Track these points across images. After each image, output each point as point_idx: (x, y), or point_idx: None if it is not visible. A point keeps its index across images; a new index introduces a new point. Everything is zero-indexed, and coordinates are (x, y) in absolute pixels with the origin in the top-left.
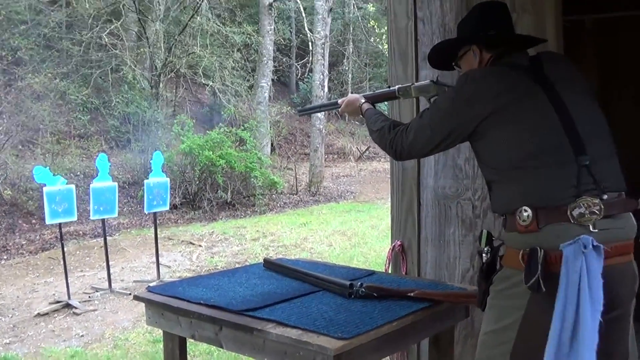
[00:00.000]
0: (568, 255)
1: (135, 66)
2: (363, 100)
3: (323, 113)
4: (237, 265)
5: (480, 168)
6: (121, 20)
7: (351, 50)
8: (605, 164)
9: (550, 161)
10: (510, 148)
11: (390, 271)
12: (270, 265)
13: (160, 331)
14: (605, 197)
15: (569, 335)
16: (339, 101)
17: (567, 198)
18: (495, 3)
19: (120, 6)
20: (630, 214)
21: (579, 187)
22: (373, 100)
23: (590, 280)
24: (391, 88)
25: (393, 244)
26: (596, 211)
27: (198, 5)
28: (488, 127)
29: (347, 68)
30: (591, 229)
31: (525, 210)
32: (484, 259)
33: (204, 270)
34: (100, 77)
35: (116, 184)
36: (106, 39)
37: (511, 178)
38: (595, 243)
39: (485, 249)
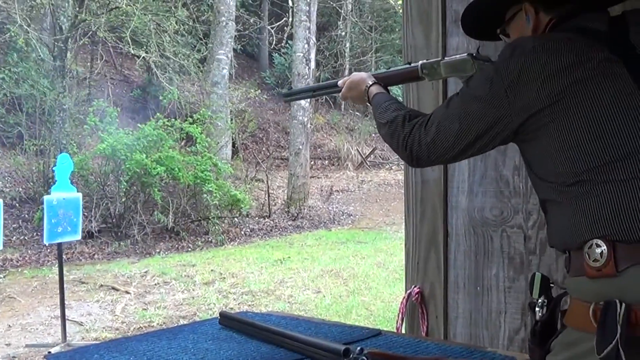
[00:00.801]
0: None
1: (29, 25)
2: (371, 82)
3: (308, 100)
4: (181, 322)
5: (531, 182)
6: None
7: (350, 7)
8: None
9: (637, 171)
10: (576, 152)
11: (403, 330)
12: (229, 321)
13: None
14: None
15: None
16: (340, 82)
17: None
18: None
19: None
20: None
21: None
22: (386, 81)
23: None
24: (413, 64)
25: (408, 291)
26: None
27: None
28: (543, 122)
29: (343, 33)
30: None
31: (598, 245)
32: (538, 315)
33: (132, 329)
34: None
35: (1, 200)
36: None
37: (577, 197)
38: None
39: (539, 300)
